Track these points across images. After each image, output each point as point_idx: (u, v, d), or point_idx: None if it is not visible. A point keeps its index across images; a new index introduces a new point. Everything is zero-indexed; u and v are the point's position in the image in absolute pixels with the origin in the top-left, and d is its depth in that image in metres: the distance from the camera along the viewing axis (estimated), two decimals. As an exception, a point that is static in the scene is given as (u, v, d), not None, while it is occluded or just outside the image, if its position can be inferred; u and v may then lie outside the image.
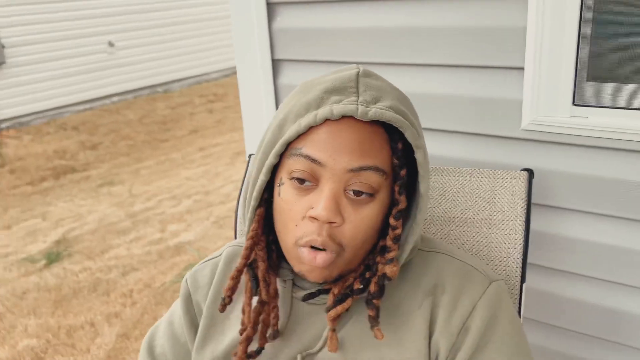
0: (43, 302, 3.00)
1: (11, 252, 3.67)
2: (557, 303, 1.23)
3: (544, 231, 1.20)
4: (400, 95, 0.78)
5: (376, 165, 0.74)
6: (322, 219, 0.72)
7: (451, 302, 0.81)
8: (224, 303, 0.83)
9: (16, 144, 5.96)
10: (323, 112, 0.72)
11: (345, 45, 1.33)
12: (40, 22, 6.49)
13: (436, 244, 0.90)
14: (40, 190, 4.82)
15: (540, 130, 1.12)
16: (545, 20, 1.06)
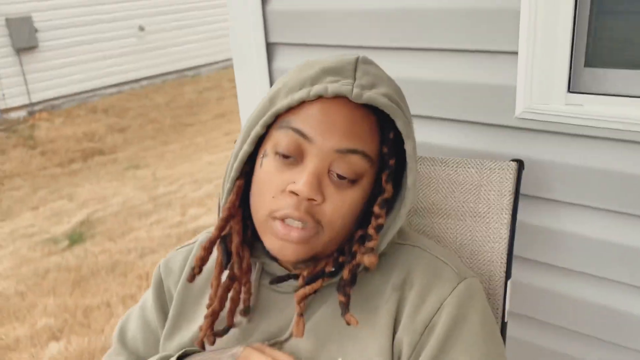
0: (63, 282, 3.08)
1: (36, 232, 3.77)
2: (549, 299, 1.18)
3: (538, 224, 1.14)
4: (395, 87, 0.78)
5: (364, 150, 0.73)
6: (302, 194, 0.71)
7: (418, 298, 0.78)
8: (193, 273, 0.82)
9: (48, 126, 6.10)
10: (318, 88, 0.72)
11: (339, 28, 1.29)
12: (72, 7, 6.60)
13: (411, 236, 0.87)
14: (69, 172, 4.94)
15: (534, 119, 1.07)
16: (539, 2, 0.99)
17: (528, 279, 1.19)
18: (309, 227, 0.73)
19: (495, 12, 1.07)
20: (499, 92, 1.11)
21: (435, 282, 0.78)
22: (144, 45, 7.37)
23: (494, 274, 1.00)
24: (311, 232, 0.73)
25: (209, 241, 0.81)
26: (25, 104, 6.42)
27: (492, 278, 1.00)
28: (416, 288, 0.78)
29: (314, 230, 0.74)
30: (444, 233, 1.04)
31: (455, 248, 1.03)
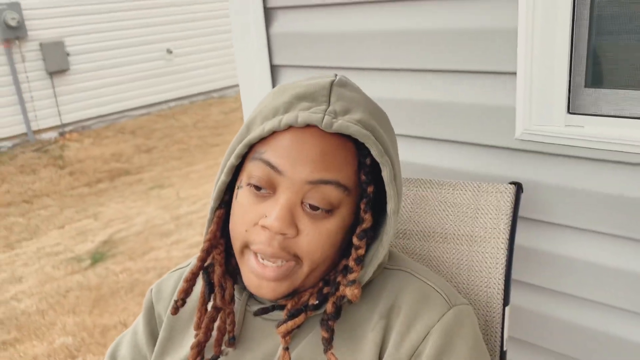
0: (83, 301, 3.11)
1: (61, 250, 3.84)
2: (550, 324, 1.14)
3: (538, 248, 1.11)
4: (373, 109, 0.75)
5: (337, 180, 0.70)
6: (273, 230, 0.69)
7: (404, 325, 0.75)
8: (176, 306, 0.81)
9: (77, 146, 6.25)
10: (288, 118, 0.69)
11: (340, 50, 1.29)
12: (102, 31, 6.79)
13: (401, 261, 0.85)
14: (96, 192, 5.03)
15: (534, 140, 1.04)
16: (536, 22, 0.98)
17: (529, 303, 1.15)
18: (284, 263, 0.71)
19: (493, 33, 1.06)
20: (498, 113, 1.09)
21: (423, 309, 0.76)
22: (172, 67, 7.53)
23: (491, 300, 0.97)
24: (288, 268, 0.72)
25: (190, 273, 0.80)
26: (57, 125, 6.60)
27: (490, 304, 0.97)
28: (403, 315, 0.75)
29: (291, 266, 0.72)
30: (439, 257, 1.02)
31: (452, 273, 1.00)
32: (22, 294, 3.26)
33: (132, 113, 7.24)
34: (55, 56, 6.36)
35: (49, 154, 6.04)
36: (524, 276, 1.14)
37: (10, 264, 3.67)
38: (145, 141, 6.36)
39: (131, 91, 7.15)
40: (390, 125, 0.78)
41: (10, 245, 4.00)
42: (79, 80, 6.69)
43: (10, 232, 4.24)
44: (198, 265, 0.79)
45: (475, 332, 0.78)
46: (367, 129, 0.70)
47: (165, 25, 7.36)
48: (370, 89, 1.23)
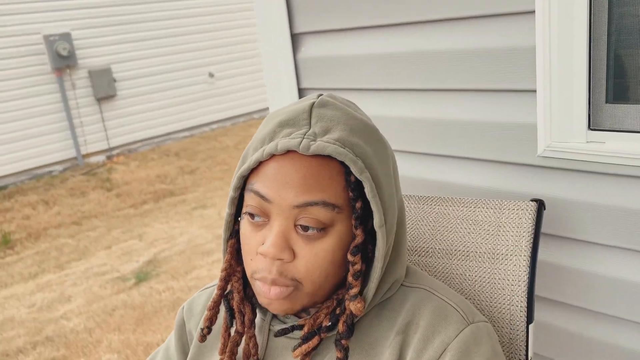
0: (127, 319, 3.21)
1: (108, 270, 3.96)
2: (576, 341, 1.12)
3: (562, 264, 1.10)
4: (356, 125, 0.75)
5: (323, 200, 0.71)
6: (269, 256, 0.71)
7: (421, 342, 0.76)
8: (203, 334, 0.85)
9: (124, 169, 6.46)
10: (269, 147, 0.72)
11: (363, 72, 1.32)
12: (147, 57, 7.05)
13: (420, 278, 0.85)
14: (141, 213, 5.17)
15: (556, 157, 1.04)
16: (552, 39, 0.99)
17: (553, 320, 1.14)
18: (284, 285, 0.73)
19: (512, 51, 1.07)
20: (520, 130, 1.09)
21: (440, 325, 0.76)
22: (214, 90, 7.73)
23: (514, 317, 0.96)
24: (288, 289, 0.73)
25: (213, 302, 0.83)
26: (104, 149, 6.86)
27: (513, 322, 0.97)
28: (420, 332, 0.76)
29: (291, 288, 0.74)
30: (462, 275, 1.02)
31: (474, 290, 1.01)
32: (70, 312, 3.38)
33: (176, 135, 7.45)
34: (102, 83, 6.64)
35: (97, 177, 6.27)
36: (548, 293, 1.13)
37: (60, 284, 3.81)
38: (188, 163, 6.52)
39: (175, 114, 7.37)
40: (378, 139, 0.77)
41: (61, 265, 4.16)
42: (125, 105, 6.95)
43: (60, 252, 4.41)
44: (218, 293, 0.83)
45: (494, 350, 0.77)
46: (345, 147, 0.71)
47: (207, 50, 7.58)
48: (394, 110, 1.26)
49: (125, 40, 6.83)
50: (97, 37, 6.62)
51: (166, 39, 7.17)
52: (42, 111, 6.33)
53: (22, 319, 3.37)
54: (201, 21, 7.47)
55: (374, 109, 1.33)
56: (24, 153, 6.26)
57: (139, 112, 7.07)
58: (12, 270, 4.17)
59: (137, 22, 6.90)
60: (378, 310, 0.81)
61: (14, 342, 3.12)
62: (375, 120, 1.33)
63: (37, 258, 4.34)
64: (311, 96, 0.78)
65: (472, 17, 1.11)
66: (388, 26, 1.25)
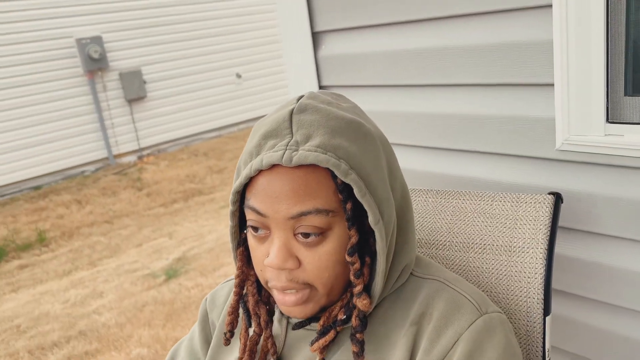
0: (157, 315, 3.28)
1: (139, 267, 4.05)
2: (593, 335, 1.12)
3: (582, 258, 1.10)
4: (337, 125, 0.73)
5: (316, 208, 0.72)
6: (274, 267, 0.73)
7: (435, 331, 0.77)
8: (226, 337, 0.88)
9: (154, 169, 6.58)
10: (256, 162, 0.72)
11: (381, 69, 1.34)
12: (176, 59, 7.17)
13: (434, 270, 0.86)
14: (171, 212, 5.27)
15: (574, 151, 1.04)
16: (570, 33, 0.99)
17: (572, 314, 1.14)
18: (297, 289, 0.75)
19: (530, 45, 1.07)
20: (538, 124, 1.10)
21: (453, 316, 0.77)
22: (241, 91, 7.82)
23: (531, 309, 0.97)
24: (304, 293, 0.76)
25: (231, 307, 0.87)
26: (135, 149, 7.00)
27: (530, 314, 0.97)
28: (434, 322, 0.77)
29: (306, 292, 0.76)
30: (479, 268, 1.03)
31: (491, 283, 1.01)
32: (102, 308, 3.47)
33: (205, 136, 7.56)
34: (133, 84, 6.78)
35: (128, 177, 6.40)
36: (567, 287, 1.13)
37: (92, 281, 3.92)
38: (217, 162, 6.61)
39: (203, 115, 7.48)
40: (365, 133, 0.75)
41: (93, 263, 4.27)
42: (155, 107, 7.08)
43: (93, 250, 4.52)
44: (235, 299, 0.86)
45: (508, 340, 0.77)
46: (327, 151, 0.70)
47: (234, 51, 7.67)
48: (413, 106, 1.27)
49: (155, 43, 6.96)
50: (127, 39, 6.76)
51: (194, 40, 7.28)
52: (74, 113, 6.50)
53: (57, 314, 3.48)
54: (228, 22, 7.56)
55: (394, 105, 1.35)
56: (57, 154, 6.43)
57: (168, 113, 7.19)
58: (47, 267, 4.30)
59: (165, 24, 7.02)
60: (392, 301, 0.83)
61: (49, 336, 3.22)
62: (395, 116, 1.35)
63: (70, 255, 4.46)
64: (291, 101, 0.77)
65: (490, 12, 1.12)
66: (407, 23, 1.27)
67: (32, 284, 4.03)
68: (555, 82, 1.04)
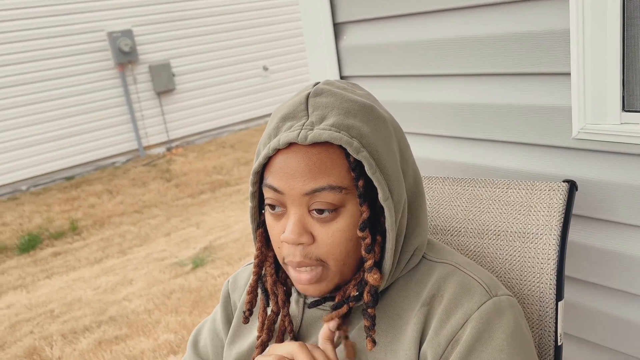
0: (184, 302, 3.36)
1: (167, 256, 4.15)
2: (608, 322, 1.13)
3: (598, 246, 1.11)
4: (351, 107, 0.77)
5: (330, 184, 0.75)
6: (289, 242, 0.77)
7: (445, 312, 0.79)
8: (245, 316, 0.91)
9: (182, 160, 6.69)
10: (274, 142, 0.76)
11: (402, 59, 1.36)
12: (204, 52, 7.26)
13: (447, 254, 0.89)
14: (198, 202, 5.36)
15: (591, 139, 1.05)
16: (586, 22, 1.00)
17: (588, 302, 1.15)
18: (314, 269, 0.79)
19: (547, 35, 1.08)
20: (555, 113, 1.11)
21: (463, 298, 0.79)
22: (268, 84, 7.88)
23: (544, 294, 0.99)
24: (317, 271, 0.79)
25: (250, 286, 0.90)
26: (164, 141, 7.13)
27: (543, 299, 0.99)
28: (444, 303, 0.80)
29: (319, 268, 0.79)
30: (493, 254, 1.05)
31: (505, 269, 1.03)
32: (132, 295, 3.57)
33: (232, 128, 7.65)
34: (162, 77, 6.89)
35: (157, 168, 6.52)
36: (582, 274, 1.14)
37: (123, 268, 4.02)
38: (243, 154, 6.69)
39: (231, 107, 7.57)
40: (377, 116, 0.79)
41: (124, 251, 4.38)
42: (183, 99, 7.19)
43: (123, 239, 4.64)
44: (254, 279, 0.89)
45: (517, 322, 0.79)
46: (341, 130, 0.74)
47: (261, 44, 7.73)
48: (432, 95, 1.29)
49: (184, 36, 7.06)
50: (157, 33, 6.87)
51: (222, 33, 7.36)
52: (105, 105, 6.65)
53: (88, 300, 3.59)
54: (255, 15, 7.62)
55: (412, 95, 1.37)
56: (89, 145, 6.59)
57: (196, 106, 7.30)
58: (80, 255, 4.43)
59: (194, 17, 7.11)
60: (404, 283, 0.85)
61: (81, 320, 3.33)
62: (413, 105, 1.37)
63: (101, 244, 4.59)
64: (308, 87, 0.82)
65: (508, 2, 1.13)
66: (426, 13, 1.29)
67: (65, 270, 4.16)
68: (571, 72, 1.05)
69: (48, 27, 6.17)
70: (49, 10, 6.16)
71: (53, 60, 6.24)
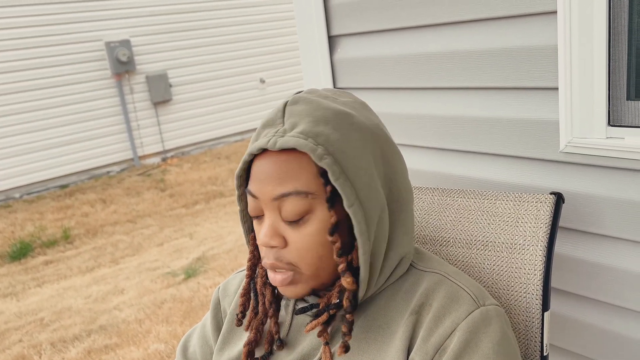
0: (175, 312, 3.35)
1: (159, 266, 4.14)
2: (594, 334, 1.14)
3: (584, 259, 1.12)
4: (323, 115, 0.79)
5: (296, 190, 0.77)
6: (262, 245, 0.80)
7: (433, 321, 0.80)
8: (238, 318, 0.93)
9: (177, 171, 6.70)
10: (250, 148, 0.80)
11: (395, 72, 1.38)
12: (201, 63, 7.30)
13: (435, 263, 0.90)
14: (192, 213, 5.36)
15: (578, 153, 1.07)
16: (573, 39, 1.02)
17: (574, 314, 1.16)
18: (283, 269, 0.81)
19: (535, 50, 1.11)
20: (543, 127, 1.13)
21: (451, 307, 0.80)
22: (265, 96, 7.92)
23: (530, 305, 1.00)
24: (288, 273, 0.81)
25: (243, 289, 0.93)
26: (160, 151, 7.14)
27: (529, 310, 1.00)
28: (433, 312, 0.80)
29: (290, 272, 0.81)
30: (481, 264, 1.06)
31: (492, 279, 1.05)
32: (123, 304, 3.56)
33: (228, 139, 7.67)
34: (159, 87, 6.92)
35: (152, 178, 6.52)
36: (569, 286, 1.15)
37: (114, 277, 4.01)
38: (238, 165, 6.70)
39: (227, 119, 7.61)
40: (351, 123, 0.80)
41: (116, 260, 4.37)
42: (180, 110, 7.22)
43: (115, 248, 4.62)
44: (246, 281, 0.92)
45: (503, 332, 0.80)
46: (308, 137, 0.76)
47: (258, 57, 7.78)
48: (423, 107, 1.31)
49: (181, 47, 7.11)
50: (155, 43, 6.91)
51: (219, 45, 7.40)
52: (101, 114, 6.66)
53: (79, 309, 3.57)
54: (252, 29, 7.68)
55: (404, 106, 1.39)
56: (84, 154, 6.59)
57: (193, 117, 7.33)
58: (71, 263, 4.41)
59: (192, 29, 7.16)
60: (393, 292, 0.86)
61: (71, 329, 3.31)
62: (405, 117, 1.39)
63: (94, 253, 4.57)
64: (289, 96, 0.85)
65: (497, 17, 1.15)
66: (418, 27, 1.31)
67: (56, 279, 4.14)
68: (559, 87, 1.07)
69: (46, 36, 6.20)
70: (47, 19, 6.19)
71: (50, 69, 6.26)
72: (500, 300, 1.03)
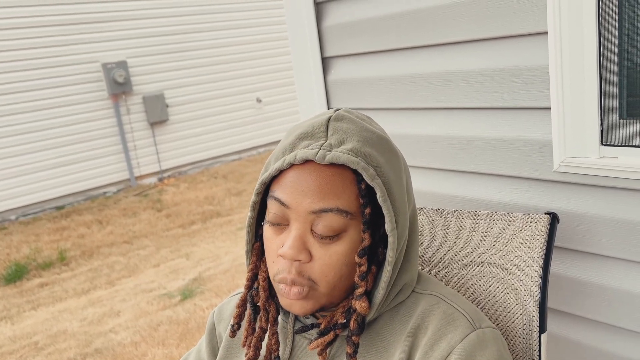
0: (172, 334, 3.31)
1: (155, 287, 4.10)
2: (591, 354, 1.12)
3: (579, 278, 1.12)
4: (369, 137, 0.80)
5: (337, 207, 0.77)
6: (287, 257, 0.77)
7: (429, 344, 0.80)
8: (233, 329, 0.91)
9: (174, 191, 6.68)
10: (289, 157, 0.78)
11: (387, 92, 1.38)
12: (198, 84, 7.33)
13: (432, 285, 0.89)
14: (189, 233, 5.33)
15: (571, 172, 1.07)
16: (564, 59, 1.02)
17: (570, 333, 1.15)
18: (302, 284, 0.79)
19: (527, 70, 1.11)
20: (536, 147, 1.13)
21: (448, 329, 0.80)
22: (261, 115, 7.95)
23: (527, 327, 0.99)
24: (306, 289, 0.79)
25: (241, 300, 0.90)
26: (156, 171, 7.13)
27: (526, 331, 0.99)
28: (429, 335, 0.80)
29: (308, 287, 0.79)
30: (476, 285, 1.05)
31: (488, 300, 1.04)
32: (119, 326, 3.52)
33: (225, 159, 7.67)
34: (155, 108, 6.93)
35: (149, 198, 6.50)
36: (564, 306, 1.14)
37: (110, 299, 3.97)
38: (235, 185, 6.69)
39: (224, 138, 7.62)
40: (390, 149, 0.82)
41: (112, 282, 4.33)
42: (176, 130, 7.23)
43: (111, 270, 4.59)
44: (245, 292, 0.89)
45: (500, 355, 0.79)
46: (358, 156, 0.76)
47: (255, 76, 7.82)
48: (416, 128, 1.31)
49: (178, 68, 7.14)
50: (151, 64, 6.94)
51: (216, 66, 7.44)
52: (98, 135, 6.66)
53: (74, 332, 3.53)
54: (249, 49, 7.73)
55: (398, 127, 1.39)
56: (80, 174, 6.58)
57: (189, 137, 7.33)
58: (67, 285, 4.37)
59: (188, 50, 7.20)
60: (392, 315, 0.86)
61: (66, 353, 3.27)
62: (398, 137, 1.39)
63: (89, 275, 4.54)
64: (329, 111, 0.84)
65: (490, 38, 1.16)
66: (411, 49, 1.32)
67: (52, 301, 4.10)
68: (551, 106, 1.07)
69: (43, 58, 6.22)
70: (44, 41, 6.22)
71: (47, 90, 6.28)
72: (496, 322, 1.02)
